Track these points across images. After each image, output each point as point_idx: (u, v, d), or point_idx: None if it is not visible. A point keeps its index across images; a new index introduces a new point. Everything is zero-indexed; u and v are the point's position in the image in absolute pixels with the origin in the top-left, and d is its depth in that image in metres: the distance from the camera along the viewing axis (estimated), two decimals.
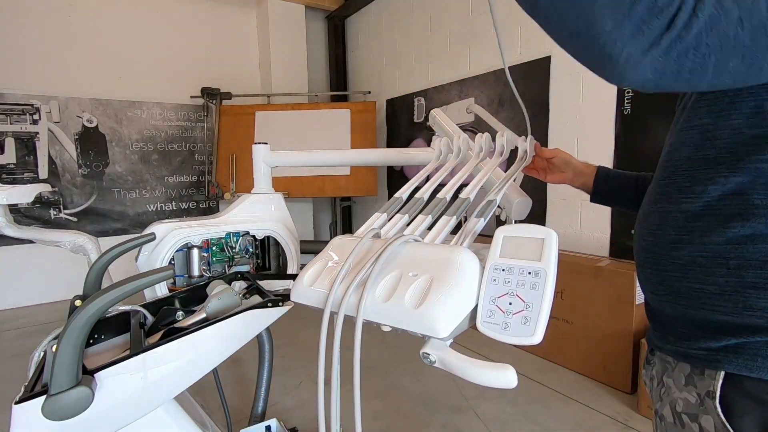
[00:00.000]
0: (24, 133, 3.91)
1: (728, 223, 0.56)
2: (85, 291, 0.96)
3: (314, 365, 0.61)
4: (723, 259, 0.56)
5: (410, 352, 2.81)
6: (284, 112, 4.45)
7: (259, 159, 1.40)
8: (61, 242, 1.38)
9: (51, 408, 0.64)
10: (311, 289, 0.69)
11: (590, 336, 2.44)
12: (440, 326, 0.55)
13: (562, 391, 2.33)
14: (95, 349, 0.91)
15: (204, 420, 1.06)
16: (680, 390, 0.64)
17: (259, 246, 1.47)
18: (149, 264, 1.26)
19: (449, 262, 0.60)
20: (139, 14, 4.30)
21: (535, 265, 0.57)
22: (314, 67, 5.14)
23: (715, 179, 0.58)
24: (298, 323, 2.16)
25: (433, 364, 0.58)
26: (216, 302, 0.92)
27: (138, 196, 4.43)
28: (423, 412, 2.16)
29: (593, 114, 2.80)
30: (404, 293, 0.59)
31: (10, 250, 3.84)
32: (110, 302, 0.67)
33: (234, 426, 1.23)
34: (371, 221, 0.84)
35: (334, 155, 1.57)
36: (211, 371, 0.87)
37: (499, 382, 0.53)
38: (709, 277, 0.58)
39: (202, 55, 4.62)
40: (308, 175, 4.25)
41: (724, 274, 0.57)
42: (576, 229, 2.89)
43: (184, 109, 4.58)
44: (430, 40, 4.02)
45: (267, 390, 1.22)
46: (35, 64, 3.89)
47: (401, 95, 4.44)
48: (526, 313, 0.54)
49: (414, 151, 1.38)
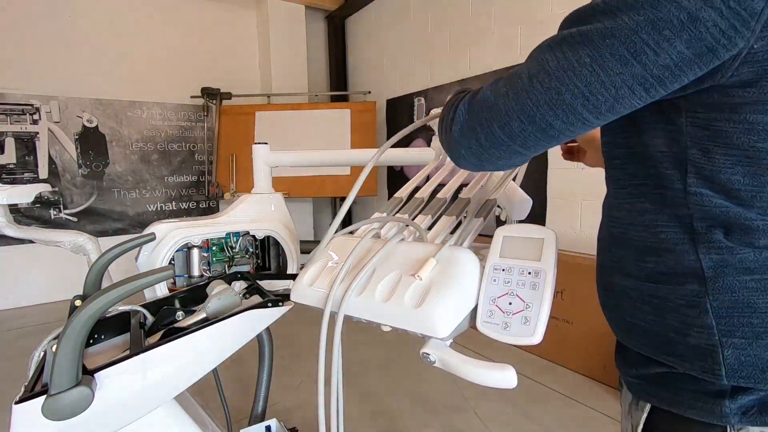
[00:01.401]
0: (24, 133, 3.91)
1: (645, 258, 0.54)
2: (85, 291, 0.96)
3: (314, 365, 0.61)
4: (647, 296, 0.54)
5: (410, 352, 2.81)
6: (284, 112, 4.45)
7: (259, 159, 1.40)
8: (61, 242, 1.38)
9: (51, 408, 0.64)
10: (311, 289, 0.69)
11: (590, 336, 2.44)
12: (440, 326, 0.55)
13: (562, 391, 2.33)
14: (95, 349, 0.91)
15: (204, 420, 1.06)
16: (624, 418, 0.63)
17: (259, 246, 1.47)
18: (149, 264, 1.26)
19: (449, 262, 0.60)
20: (139, 14, 4.30)
21: (535, 265, 0.57)
22: (314, 67, 5.14)
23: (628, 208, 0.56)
24: (298, 323, 2.16)
25: (433, 364, 0.58)
26: (216, 302, 0.92)
27: (138, 196, 4.43)
28: (423, 412, 2.16)
29: None
30: (404, 293, 0.59)
31: (10, 250, 3.83)
32: (110, 302, 0.67)
33: (234, 426, 1.23)
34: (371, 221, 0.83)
35: (334, 155, 1.57)
36: (211, 371, 0.87)
37: (499, 382, 0.53)
38: (637, 312, 0.55)
39: (202, 55, 4.62)
40: (308, 175, 4.25)
41: (648, 311, 0.54)
42: (576, 229, 2.89)
43: (184, 109, 4.58)
44: (430, 40, 4.02)
45: (267, 390, 1.22)
46: (35, 64, 3.89)
47: (401, 95, 4.44)
48: (526, 313, 0.54)
49: (414, 151, 1.38)
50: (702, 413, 0.50)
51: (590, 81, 0.44)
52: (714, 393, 0.49)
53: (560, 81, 0.45)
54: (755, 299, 0.46)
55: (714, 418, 0.49)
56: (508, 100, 0.50)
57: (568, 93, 0.45)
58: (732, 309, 0.47)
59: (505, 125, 0.50)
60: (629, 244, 0.56)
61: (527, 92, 0.48)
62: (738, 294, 0.47)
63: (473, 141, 0.54)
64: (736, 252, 0.47)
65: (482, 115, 0.52)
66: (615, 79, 0.43)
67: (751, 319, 0.46)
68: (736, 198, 0.46)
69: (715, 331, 0.48)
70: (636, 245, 0.54)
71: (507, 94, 0.50)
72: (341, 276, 0.64)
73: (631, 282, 0.56)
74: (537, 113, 0.48)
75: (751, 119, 0.44)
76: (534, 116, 0.48)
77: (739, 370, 0.47)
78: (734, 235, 0.47)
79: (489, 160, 0.55)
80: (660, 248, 0.52)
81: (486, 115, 0.52)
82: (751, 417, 0.47)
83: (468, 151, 0.55)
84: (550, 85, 0.46)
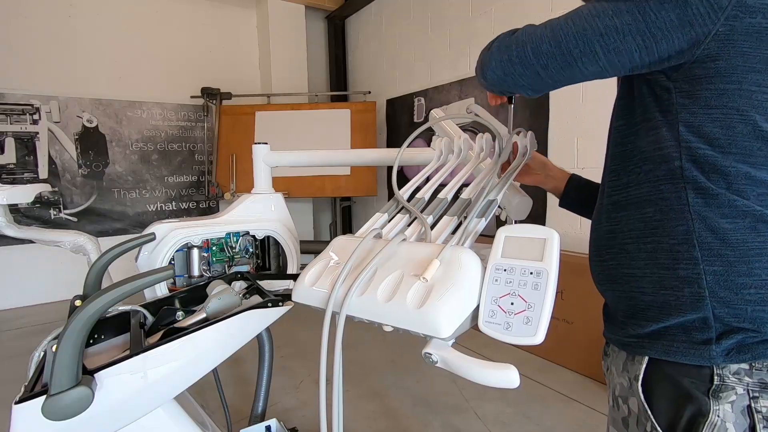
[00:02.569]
0: (24, 133, 3.90)
1: (644, 209, 0.65)
2: (85, 291, 0.96)
3: (314, 365, 0.61)
4: (643, 244, 0.65)
5: (411, 352, 2.81)
6: (284, 112, 4.44)
7: (259, 159, 1.40)
8: (61, 242, 1.38)
9: (51, 408, 0.64)
10: (313, 289, 0.69)
11: (590, 336, 2.44)
12: (442, 326, 0.55)
13: (562, 391, 2.33)
14: (95, 349, 0.91)
15: (204, 420, 1.06)
16: (618, 375, 0.71)
17: (259, 246, 1.47)
18: (149, 264, 1.26)
19: (451, 263, 0.60)
20: (139, 14, 4.30)
21: (537, 265, 0.57)
22: (314, 67, 5.13)
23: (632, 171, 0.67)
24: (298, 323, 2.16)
25: (436, 364, 0.58)
26: (216, 302, 0.92)
27: (138, 196, 4.43)
28: (423, 412, 2.16)
29: (593, 114, 2.80)
30: (406, 293, 0.59)
31: (10, 250, 3.83)
32: (110, 302, 0.67)
33: (234, 426, 1.23)
34: (372, 221, 0.83)
35: (334, 155, 1.57)
36: (211, 371, 0.87)
37: (501, 381, 0.53)
38: (633, 261, 0.66)
39: (202, 55, 4.62)
40: (308, 175, 4.25)
41: (644, 257, 0.65)
42: (576, 229, 2.88)
43: (184, 109, 4.58)
44: (430, 40, 4.02)
45: (267, 390, 1.22)
46: (35, 64, 3.89)
47: (401, 95, 4.44)
48: (528, 313, 0.54)
49: (414, 151, 1.38)
50: (694, 358, 0.60)
51: (608, 25, 0.59)
52: (703, 340, 0.60)
53: (587, 21, 0.61)
54: (729, 237, 0.58)
55: (704, 361, 0.60)
56: (545, 30, 0.65)
57: (591, 29, 0.60)
58: (712, 244, 0.59)
59: (537, 47, 0.65)
60: (631, 202, 0.67)
61: (560, 26, 0.63)
62: (717, 232, 0.59)
63: (505, 55, 0.69)
64: (715, 197, 0.59)
65: (520, 38, 0.67)
66: (625, 27, 0.58)
67: (726, 251, 0.58)
68: (717, 146, 0.59)
69: (699, 262, 0.59)
70: (637, 201, 0.66)
71: (545, 26, 0.65)
72: (343, 276, 0.64)
73: (632, 234, 0.66)
74: (563, 40, 0.62)
75: (722, 87, 0.58)
76: (560, 42, 0.63)
77: (718, 292, 0.58)
78: (715, 182, 0.59)
79: (512, 75, 0.69)
80: (658, 198, 0.63)
81: (523, 39, 0.67)
82: (731, 356, 0.58)
83: (498, 63, 0.70)
84: (578, 23, 0.62)
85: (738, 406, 0.58)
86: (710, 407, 0.59)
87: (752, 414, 0.58)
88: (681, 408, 0.61)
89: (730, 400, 0.59)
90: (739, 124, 0.58)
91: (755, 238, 0.57)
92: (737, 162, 0.58)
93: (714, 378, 0.59)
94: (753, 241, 0.58)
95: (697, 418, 0.60)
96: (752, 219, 0.58)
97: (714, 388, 0.59)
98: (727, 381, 0.59)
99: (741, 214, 0.58)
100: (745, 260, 0.58)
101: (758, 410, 0.58)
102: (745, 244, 0.58)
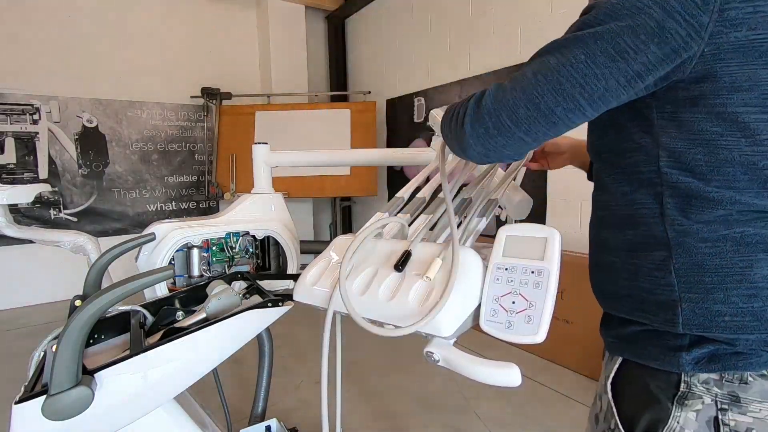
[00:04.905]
0: (24, 133, 3.90)
1: (625, 231, 0.64)
2: (85, 291, 0.96)
3: (314, 365, 0.61)
4: (627, 264, 0.64)
5: (411, 352, 2.80)
6: (284, 112, 4.44)
7: (259, 159, 1.40)
8: (61, 242, 1.38)
9: (51, 408, 0.63)
10: (314, 289, 0.68)
11: (590, 336, 2.44)
12: (444, 325, 0.55)
13: (562, 391, 2.33)
14: (95, 349, 0.90)
15: (204, 420, 1.05)
16: (602, 373, 0.73)
17: (259, 246, 1.47)
18: (149, 264, 1.26)
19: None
20: (139, 14, 4.30)
21: (539, 264, 0.56)
22: (314, 67, 5.13)
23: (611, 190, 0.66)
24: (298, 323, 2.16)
25: (437, 363, 0.58)
26: (216, 302, 0.92)
27: (138, 196, 4.42)
28: (423, 412, 2.15)
29: None
30: (408, 293, 0.59)
31: (10, 250, 3.83)
32: (110, 302, 0.67)
33: (234, 426, 1.23)
34: (373, 221, 0.83)
35: (334, 155, 1.57)
36: (211, 371, 0.86)
37: (503, 380, 0.53)
38: (619, 279, 0.65)
39: (202, 55, 4.62)
40: (308, 175, 4.24)
41: (626, 277, 0.64)
42: (577, 229, 2.88)
43: (184, 109, 4.57)
44: (430, 40, 4.02)
45: (267, 390, 1.22)
46: (35, 64, 3.88)
47: (401, 95, 4.44)
48: (529, 311, 0.54)
49: (414, 151, 1.38)
50: (663, 363, 0.60)
51: (586, 73, 0.54)
52: (674, 347, 0.59)
53: (560, 74, 0.56)
54: (707, 262, 0.57)
55: (672, 367, 0.60)
56: (516, 92, 0.59)
57: (568, 83, 0.55)
58: (690, 270, 0.57)
59: (513, 113, 0.59)
60: (613, 222, 0.66)
61: (532, 85, 0.57)
62: (695, 258, 0.57)
63: (482, 130, 0.62)
64: (694, 223, 0.57)
65: (490, 107, 0.61)
66: (605, 71, 0.54)
67: (704, 278, 0.57)
68: (699, 174, 0.56)
69: (676, 289, 0.58)
70: (618, 222, 0.65)
71: (514, 88, 0.59)
72: (344, 276, 0.64)
73: (615, 255, 0.66)
74: (541, 101, 0.57)
75: (706, 111, 0.54)
76: (539, 104, 0.57)
77: (693, 319, 0.57)
78: (695, 207, 0.57)
79: (494, 149, 0.63)
80: (637, 222, 0.62)
81: (494, 107, 0.60)
82: (701, 365, 0.58)
83: (476, 141, 0.63)
84: (552, 78, 0.56)
85: (703, 416, 0.58)
86: (671, 413, 0.59)
87: (718, 426, 0.57)
88: (644, 410, 0.62)
89: (696, 408, 0.58)
90: (723, 150, 0.54)
91: (737, 262, 0.55)
92: (719, 188, 0.55)
93: (681, 384, 0.59)
94: (733, 267, 0.56)
95: (657, 422, 0.60)
96: (733, 243, 0.56)
97: (680, 395, 0.59)
98: (694, 389, 0.58)
99: (721, 238, 0.56)
100: (722, 287, 0.56)
101: (726, 423, 0.56)
102: (723, 269, 0.56)
